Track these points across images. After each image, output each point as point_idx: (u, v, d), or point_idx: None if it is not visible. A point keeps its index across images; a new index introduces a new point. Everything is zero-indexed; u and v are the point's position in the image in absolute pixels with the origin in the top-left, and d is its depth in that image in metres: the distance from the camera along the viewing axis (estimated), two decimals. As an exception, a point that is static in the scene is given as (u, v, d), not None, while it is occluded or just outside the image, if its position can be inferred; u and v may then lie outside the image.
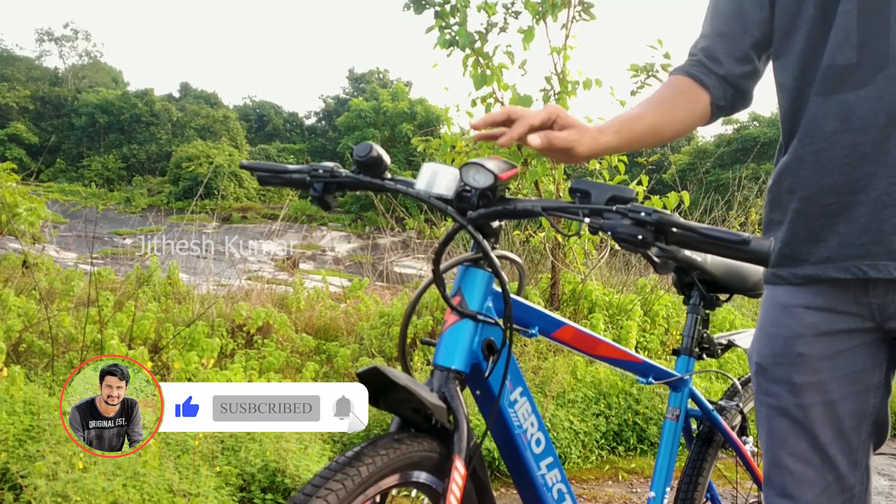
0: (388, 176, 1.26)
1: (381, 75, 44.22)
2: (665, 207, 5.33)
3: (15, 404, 3.06)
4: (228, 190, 30.60)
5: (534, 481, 1.37)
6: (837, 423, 1.23)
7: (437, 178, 1.20)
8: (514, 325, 1.30)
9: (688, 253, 1.56)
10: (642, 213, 1.02)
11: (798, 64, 1.23)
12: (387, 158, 1.25)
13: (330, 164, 1.28)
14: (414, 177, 1.25)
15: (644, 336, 5.32)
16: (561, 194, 5.49)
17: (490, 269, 1.24)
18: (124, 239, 19.57)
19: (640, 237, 1.01)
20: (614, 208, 1.05)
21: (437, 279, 1.20)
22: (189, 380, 3.95)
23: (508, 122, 1.19)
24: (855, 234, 1.16)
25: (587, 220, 1.07)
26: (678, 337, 5.39)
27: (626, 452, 3.99)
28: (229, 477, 2.83)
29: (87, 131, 37.92)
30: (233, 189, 31.48)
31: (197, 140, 35.50)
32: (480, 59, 5.03)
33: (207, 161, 31.76)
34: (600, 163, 5.55)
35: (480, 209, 1.19)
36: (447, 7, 4.99)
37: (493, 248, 1.24)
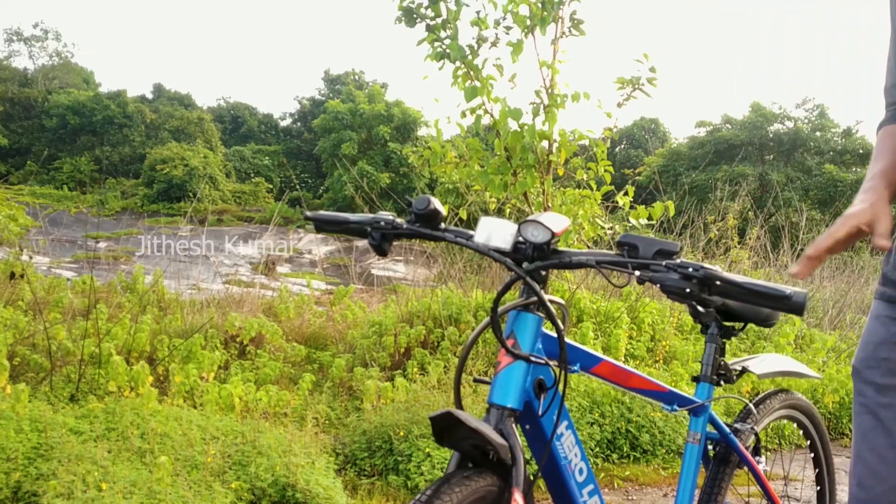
0: (444, 227, 1.34)
1: (357, 77, 44.07)
2: (651, 217, 5.44)
3: (21, 422, 3.08)
4: (204, 192, 30.37)
5: (576, 508, 1.45)
6: None
7: (495, 232, 1.29)
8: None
9: None
10: (690, 269, 1.12)
11: None
12: (443, 211, 1.33)
13: (389, 215, 1.36)
14: (392, 180, 1.35)
15: (631, 343, 5.42)
16: (549, 204, 5.58)
17: (541, 314, 1.33)
18: (98, 243, 19.36)
19: (687, 290, 1.11)
20: (663, 263, 1.14)
21: (495, 324, 1.28)
22: (188, 392, 3.98)
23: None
24: None
25: (637, 272, 1.16)
26: (665, 344, 5.51)
27: (620, 460, 4.08)
28: (240, 492, 2.87)
29: (58, 133, 37.38)
30: (208, 191, 31.25)
31: (171, 142, 35.16)
32: (471, 71, 5.11)
33: (182, 163, 31.49)
34: (587, 173, 5.65)
35: (537, 261, 1.28)
36: (438, 21, 5.06)
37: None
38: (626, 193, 5.54)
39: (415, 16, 5.08)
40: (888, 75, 1.48)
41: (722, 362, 1.80)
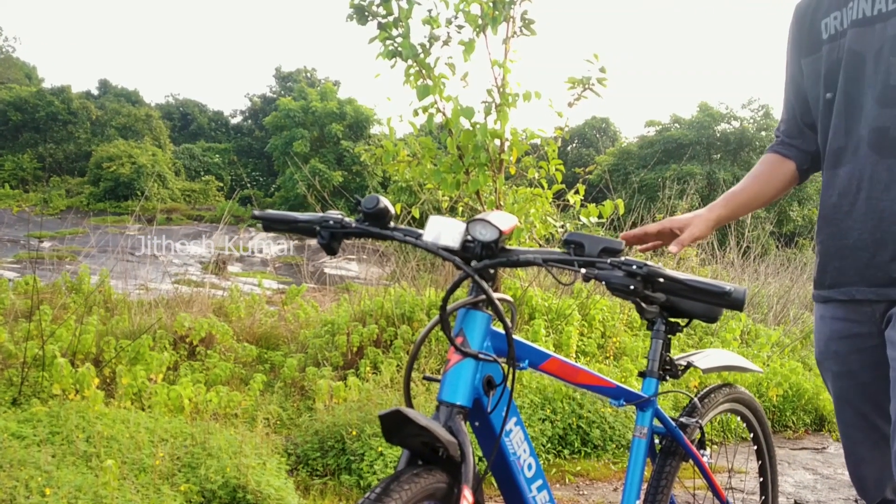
0: (393, 225, 1.34)
1: (308, 74, 43.67)
2: (601, 215, 5.51)
3: (-40, 427, 2.99)
4: (152, 191, 29.80)
5: (525, 503, 1.47)
6: (873, 398, 1.60)
7: (444, 231, 1.30)
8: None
9: None
10: (634, 266, 1.15)
11: (821, 142, 1.66)
12: (392, 209, 1.33)
13: (338, 214, 1.35)
14: (345, 178, 1.35)
15: (582, 340, 5.49)
16: (501, 202, 5.61)
17: (490, 312, 1.34)
18: (42, 242, 18.86)
19: (631, 287, 1.14)
20: (608, 261, 1.17)
21: (444, 322, 1.29)
22: (136, 394, 3.91)
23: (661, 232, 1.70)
24: (844, 268, 1.58)
25: (583, 270, 1.18)
26: (615, 341, 5.59)
27: (572, 455, 4.13)
28: (189, 494, 2.83)
29: (-1, 130, 36.33)
30: (157, 190, 30.67)
31: (118, 139, 34.38)
32: (423, 70, 5.11)
33: (130, 161, 30.85)
34: (539, 171, 5.69)
35: (485, 259, 1.30)
36: (390, 19, 5.05)
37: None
38: (577, 192, 5.60)
39: (366, 14, 5.06)
40: (783, 113, 1.80)
41: (668, 358, 1.84)
